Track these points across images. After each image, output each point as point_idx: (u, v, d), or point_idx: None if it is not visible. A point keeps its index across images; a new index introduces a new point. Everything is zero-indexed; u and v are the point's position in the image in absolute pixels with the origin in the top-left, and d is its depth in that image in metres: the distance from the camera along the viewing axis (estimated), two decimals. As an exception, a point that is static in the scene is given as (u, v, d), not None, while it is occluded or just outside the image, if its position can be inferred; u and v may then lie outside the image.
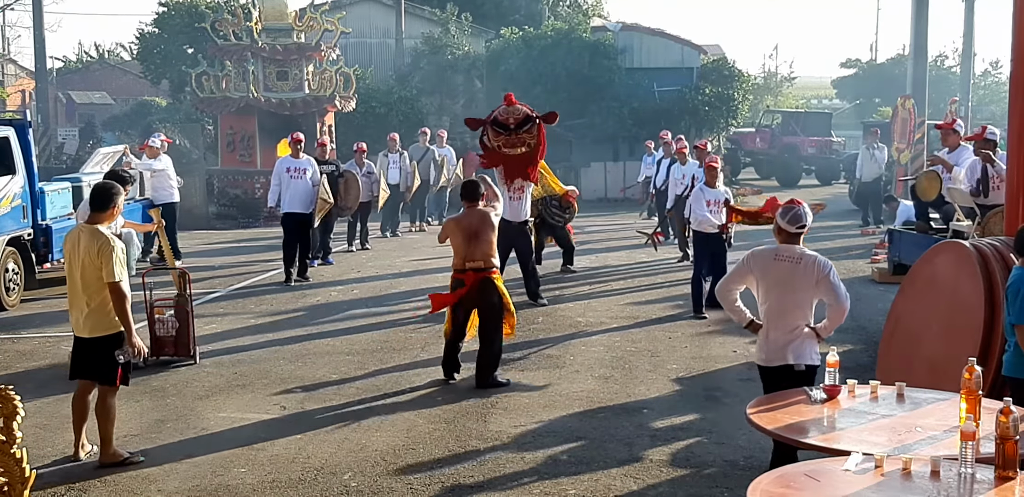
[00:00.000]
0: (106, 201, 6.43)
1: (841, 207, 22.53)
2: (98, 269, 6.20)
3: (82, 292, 6.28)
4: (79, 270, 6.28)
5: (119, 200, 6.50)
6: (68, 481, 6.16)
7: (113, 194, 6.47)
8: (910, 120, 19.74)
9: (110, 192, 6.48)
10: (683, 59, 27.45)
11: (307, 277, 13.11)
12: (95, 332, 6.32)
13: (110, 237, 6.29)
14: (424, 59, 26.18)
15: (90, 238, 6.26)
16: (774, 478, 4.21)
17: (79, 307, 6.34)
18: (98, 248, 6.20)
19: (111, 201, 6.43)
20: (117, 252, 6.23)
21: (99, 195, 6.48)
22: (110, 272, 6.17)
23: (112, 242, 6.24)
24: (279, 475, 6.25)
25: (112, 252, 6.19)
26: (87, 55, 49.25)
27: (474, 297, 8.22)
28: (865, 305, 11.43)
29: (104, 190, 6.51)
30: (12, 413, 4.02)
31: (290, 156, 13.16)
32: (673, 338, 9.88)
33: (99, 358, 6.35)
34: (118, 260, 6.22)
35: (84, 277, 6.26)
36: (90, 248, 6.21)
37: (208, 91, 21.73)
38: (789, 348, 5.75)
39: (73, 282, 6.35)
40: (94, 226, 6.35)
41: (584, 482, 6.07)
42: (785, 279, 5.78)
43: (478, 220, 8.27)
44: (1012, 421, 3.90)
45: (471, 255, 8.20)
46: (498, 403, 7.75)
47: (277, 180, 13.06)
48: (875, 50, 58.43)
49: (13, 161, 12.06)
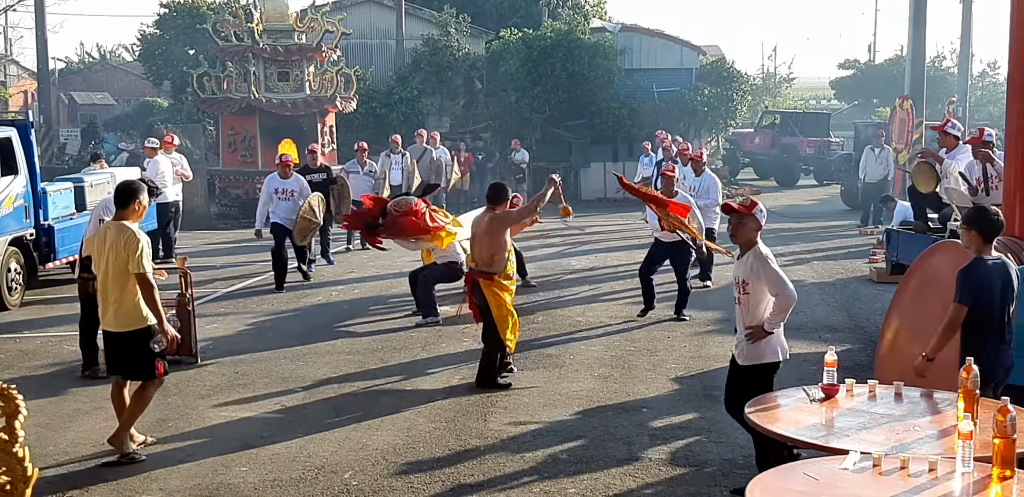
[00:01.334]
0: (127, 198, 6.60)
1: (835, 207, 22.59)
2: (125, 263, 6.37)
3: (111, 287, 6.46)
4: (107, 266, 6.46)
5: (142, 197, 6.67)
6: (70, 480, 6.19)
7: (134, 190, 6.65)
8: (908, 120, 19.78)
9: (131, 188, 6.66)
10: (682, 60, 27.47)
11: (308, 276, 13.16)
12: (125, 327, 6.48)
13: (136, 231, 6.49)
14: (424, 60, 26.19)
15: (117, 233, 6.45)
16: (773, 476, 4.24)
17: (108, 302, 6.51)
18: (124, 241, 6.39)
19: (132, 197, 6.60)
20: (143, 245, 6.42)
21: (121, 192, 6.68)
22: (136, 263, 6.36)
23: (138, 235, 6.44)
24: (280, 474, 6.28)
25: (138, 244, 6.39)
26: (89, 56, 49.29)
27: (472, 298, 8.31)
28: (863, 305, 11.47)
29: (125, 188, 6.70)
30: (14, 412, 4.04)
31: (278, 176, 12.99)
32: (672, 337, 9.91)
33: (131, 353, 6.50)
34: (144, 253, 6.41)
35: (112, 272, 6.44)
36: (117, 242, 6.40)
37: (209, 92, 21.76)
38: None
39: (103, 278, 6.52)
40: (120, 222, 6.54)
41: (584, 481, 6.09)
42: None
43: (485, 223, 8.31)
44: (1009, 420, 3.92)
45: (472, 256, 8.36)
46: (498, 402, 7.77)
47: (265, 199, 12.99)
48: (873, 51, 58.11)
49: (15, 161, 12.09)
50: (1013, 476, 3.93)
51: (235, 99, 21.34)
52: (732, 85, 26.59)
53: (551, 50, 24.89)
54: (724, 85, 26.44)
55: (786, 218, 21.02)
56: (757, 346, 5.82)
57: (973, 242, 5.63)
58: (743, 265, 5.87)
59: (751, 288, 5.80)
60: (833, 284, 12.92)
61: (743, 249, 5.91)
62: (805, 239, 17.26)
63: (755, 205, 5.95)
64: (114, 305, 6.46)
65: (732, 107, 26.65)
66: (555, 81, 24.75)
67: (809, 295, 12.09)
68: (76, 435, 7.05)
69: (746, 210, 5.88)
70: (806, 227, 19.23)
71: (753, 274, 5.78)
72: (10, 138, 12.05)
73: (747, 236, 5.87)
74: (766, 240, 6.15)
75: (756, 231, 5.90)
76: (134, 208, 6.58)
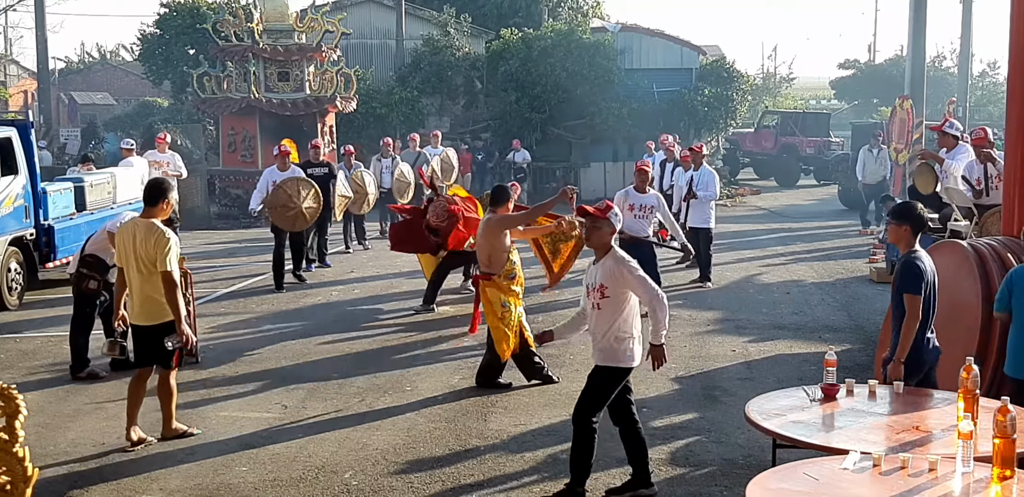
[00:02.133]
0: (156, 196, 6.79)
1: (835, 207, 22.60)
2: (152, 260, 6.56)
3: (138, 282, 6.65)
4: (134, 261, 6.64)
5: (171, 196, 6.87)
6: (70, 480, 6.19)
7: (164, 189, 6.83)
8: (908, 120, 19.74)
9: (161, 187, 6.86)
10: (682, 60, 27.45)
11: (303, 278, 13.10)
12: (151, 320, 6.70)
13: (165, 230, 6.68)
14: (424, 60, 26.18)
15: (147, 231, 6.63)
16: (773, 477, 4.24)
17: (135, 296, 6.72)
18: (155, 240, 6.59)
19: (162, 196, 6.79)
20: (171, 245, 6.62)
21: (150, 190, 6.84)
22: (163, 261, 6.57)
23: (167, 234, 6.63)
24: (280, 474, 6.28)
25: (167, 243, 6.58)
26: (89, 56, 49.30)
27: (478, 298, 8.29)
28: (863, 305, 11.46)
29: (155, 186, 6.88)
30: (15, 412, 4.04)
31: (276, 168, 12.96)
32: (672, 337, 9.89)
33: (157, 344, 6.69)
34: (172, 252, 6.62)
35: (139, 268, 6.62)
36: (147, 240, 6.59)
37: (209, 92, 21.76)
38: None
39: (129, 273, 6.72)
40: (149, 220, 6.73)
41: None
42: None
43: (482, 226, 8.34)
44: (1010, 420, 3.92)
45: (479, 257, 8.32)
46: (498, 402, 7.77)
47: (263, 186, 12.92)
48: (873, 51, 58.16)
49: (15, 161, 12.09)
50: (1013, 476, 3.93)
51: (235, 99, 21.35)
52: (732, 85, 26.59)
53: (551, 50, 24.88)
54: (724, 85, 26.43)
55: (786, 218, 21.04)
56: (615, 349, 5.72)
57: (904, 237, 5.69)
58: (600, 270, 5.73)
59: (610, 292, 5.66)
60: (833, 284, 12.92)
61: (598, 254, 5.80)
62: (805, 239, 17.25)
63: (610, 209, 5.87)
64: (140, 299, 6.67)
65: (732, 107, 26.64)
66: (555, 81, 24.74)
67: (809, 295, 12.10)
68: (76, 435, 7.05)
69: (601, 214, 5.80)
70: (806, 227, 19.24)
71: (612, 278, 5.66)
72: (10, 138, 12.06)
73: (602, 240, 5.78)
74: (768, 240, 6.15)
75: (611, 235, 5.82)
76: (163, 207, 6.80)
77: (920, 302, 5.52)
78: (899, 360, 5.54)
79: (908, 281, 5.56)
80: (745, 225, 18.97)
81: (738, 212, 22.36)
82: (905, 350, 5.52)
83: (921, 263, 5.58)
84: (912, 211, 5.74)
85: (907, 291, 5.54)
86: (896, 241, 5.81)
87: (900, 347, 5.54)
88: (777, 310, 11.16)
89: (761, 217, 21.39)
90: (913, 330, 5.52)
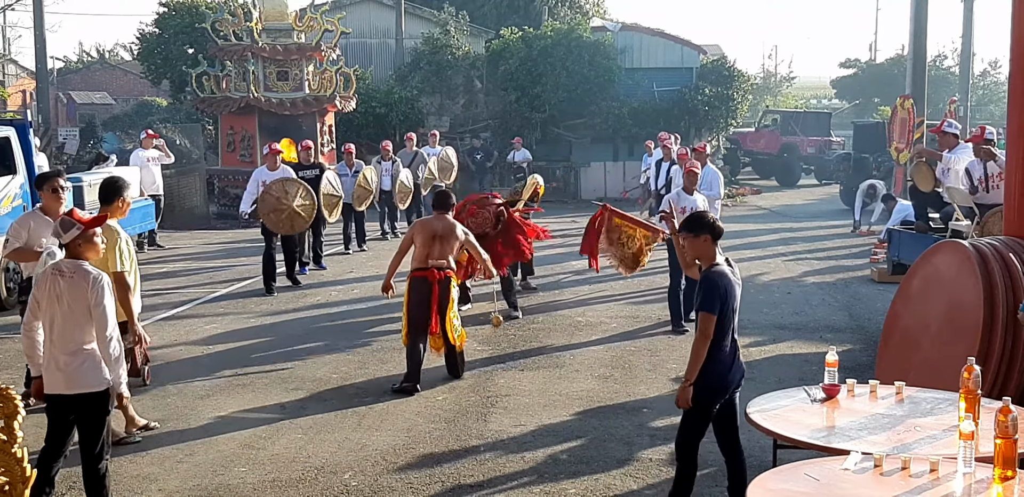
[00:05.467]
0: (111, 194, 6.63)
1: (836, 207, 22.58)
2: (104, 260, 6.31)
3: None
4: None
5: (125, 193, 6.68)
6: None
7: (119, 187, 6.66)
8: (909, 120, 19.74)
9: (115, 185, 6.68)
10: (683, 59, 27.44)
11: (298, 282, 12.97)
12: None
13: (117, 229, 6.51)
14: (424, 59, 26.16)
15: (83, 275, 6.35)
16: (773, 477, 4.22)
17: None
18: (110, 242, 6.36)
19: (117, 194, 6.63)
20: (121, 244, 6.45)
21: (104, 188, 6.69)
22: (113, 262, 6.40)
23: (117, 233, 6.46)
24: (280, 474, 6.27)
25: (116, 243, 6.40)
26: (88, 55, 49.33)
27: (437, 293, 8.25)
28: (864, 305, 11.45)
29: (109, 184, 6.71)
30: (13, 412, 4.03)
31: (266, 168, 12.78)
32: (673, 338, 9.89)
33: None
34: (120, 251, 6.44)
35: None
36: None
37: (208, 91, 21.73)
38: None
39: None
40: None
41: (584, 481, 6.08)
42: None
43: (449, 226, 8.40)
44: (1011, 420, 3.91)
45: (435, 254, 8.29)
46: (498, 402, 7.76)
47: (252, 188, 12.71)
48: (874, 50, 58.39)
49: (14, 161, 12.07)
50: (1014, 476, 3.92)
51: (234, 98, 21.32)
52: (733, 84, 26.57)
53: (551, 49, 24.87)
54: (725, 84, 26.42)
55: (787, 218, 21.02)
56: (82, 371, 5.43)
57: (705, 249, 5.31)
58: None
59: None
60: (834, 284, 12.91)
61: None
62: (806, 239, 17.24)
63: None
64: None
65: (733, 106, 26.62)
66: (555, 80, 24.73)
67: (810, 295, 12.08)
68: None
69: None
70: (807, 227, 19.23)
71: None
72: (8, 138, 12.04)
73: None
74: (768, 240, 6.13)
75: None
76: (118, 205, 6.64)
77: (714, 321, 5.14)
78: (687, 382, 5.21)
79: (703, 299, 5.18)
80: (746, 225, 18.95)
81: (739, 212, 22.35)
82: (694, 372, 5.18)
83: (721, 279, 5.20)
84: (704, 220, 5.33)
85: (702, 309, 5.18)
86: (699, 255, 5.36)
87: (689, 368, 5.21)
88: (778, 310, 11.15)
89: (762, 217, 21.38)
90: (702, 350, 5.16)
